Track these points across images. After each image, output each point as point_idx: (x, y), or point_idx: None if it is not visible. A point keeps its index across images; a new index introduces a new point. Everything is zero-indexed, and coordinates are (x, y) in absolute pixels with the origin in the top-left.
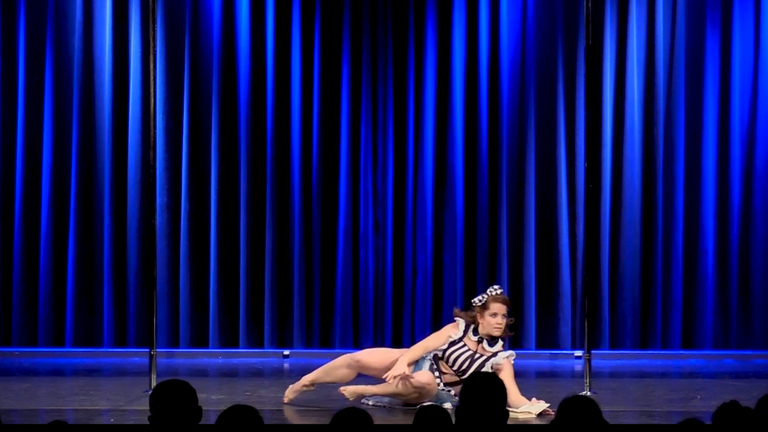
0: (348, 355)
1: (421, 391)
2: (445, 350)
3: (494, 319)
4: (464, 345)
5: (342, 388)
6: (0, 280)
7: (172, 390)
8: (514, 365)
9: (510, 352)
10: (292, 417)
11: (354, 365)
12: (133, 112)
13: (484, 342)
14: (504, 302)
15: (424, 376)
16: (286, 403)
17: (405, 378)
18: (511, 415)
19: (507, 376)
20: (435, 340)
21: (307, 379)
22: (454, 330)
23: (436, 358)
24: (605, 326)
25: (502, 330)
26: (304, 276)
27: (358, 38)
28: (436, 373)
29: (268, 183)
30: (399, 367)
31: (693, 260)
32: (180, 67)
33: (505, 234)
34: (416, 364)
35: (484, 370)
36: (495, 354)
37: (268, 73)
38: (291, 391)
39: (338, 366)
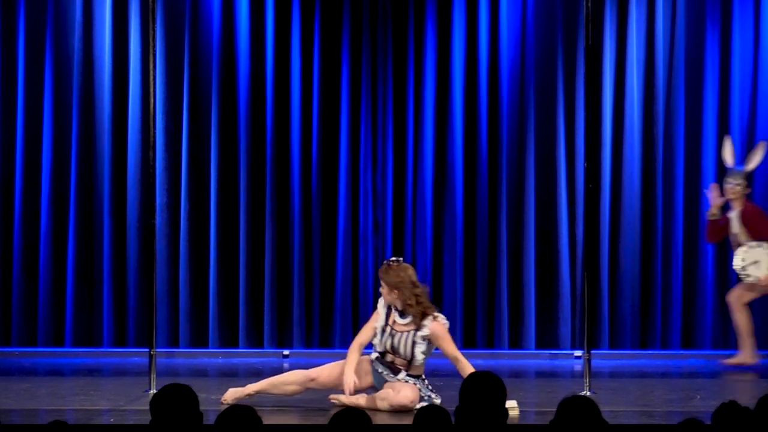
0: (300, 372)
1: (406, 408)
2: (380, 342)
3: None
4: (387, 326)
5: (332, 396)
6: (0, 280)
7: (173, 394)
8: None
9: (434, 314)
10: (292, 417)
11: (307, 383)
12: (133, 112)
13: (395, 314)
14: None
15: (407, 391)
16: (223, 403)
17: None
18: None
19: (449, 346)
20: (365, 334)
21: (251, 388)
22: (376, 320)
23: (383, 356)
24: (605, 326)
25: (386, 296)
26: (304, 276)
27: (358, 38)
28: (389, 376)
29: (268, 183)
30: (348, 379)
31: (693, 260)
32: (180, 67)
33: (505, 234)
34: (375, 378)
35: (418, 344)
36: (419, 327)
37: (268, 73)
38: (231, 395)
39: (289, 382)
